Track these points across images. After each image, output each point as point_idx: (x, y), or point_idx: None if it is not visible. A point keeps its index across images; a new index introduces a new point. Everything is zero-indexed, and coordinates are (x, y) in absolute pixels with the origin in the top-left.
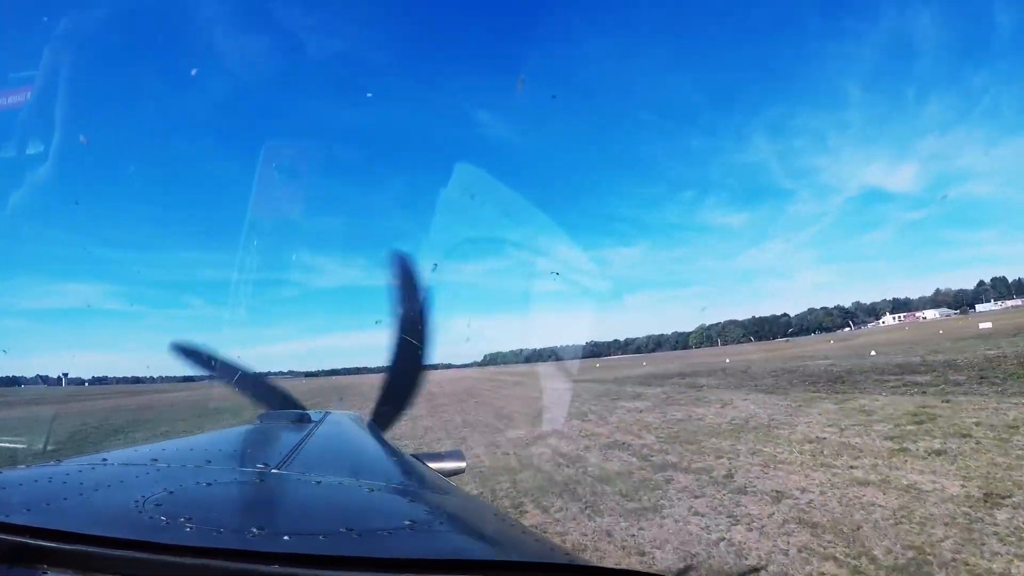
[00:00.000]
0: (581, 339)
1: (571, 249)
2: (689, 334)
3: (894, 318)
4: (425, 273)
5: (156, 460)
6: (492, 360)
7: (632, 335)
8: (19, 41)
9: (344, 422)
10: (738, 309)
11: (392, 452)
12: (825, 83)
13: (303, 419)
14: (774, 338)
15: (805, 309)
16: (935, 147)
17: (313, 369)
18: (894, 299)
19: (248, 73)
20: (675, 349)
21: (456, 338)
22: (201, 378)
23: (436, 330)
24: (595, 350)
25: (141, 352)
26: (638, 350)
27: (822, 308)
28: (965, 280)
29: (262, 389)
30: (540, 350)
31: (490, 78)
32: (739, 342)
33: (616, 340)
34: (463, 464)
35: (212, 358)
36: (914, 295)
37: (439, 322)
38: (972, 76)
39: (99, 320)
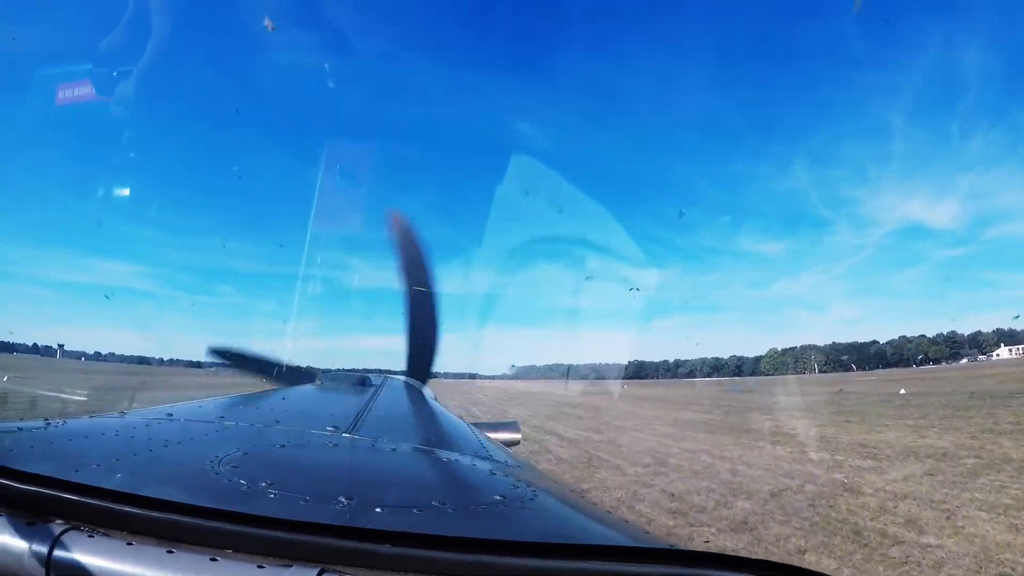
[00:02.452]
0: (623, 357)
1: (614, 264)
2: (760, 358)
3: (1010, 351)
4: (421, 232)
5: (223, 417)
6: (524, 373)
7: (679, 357)
8: (74, 33)
9: (403, 387)
10: (778, 338)
11: (454, 420)
12: (869, 114)
13: (364, 382)
14: (871, 367)
15: (897, 336)
16: (978, 184)
17: (335, 367)
18: (998, 329)
19: (294, 69)
20: (738, 375)
21: (485, 348)
22: (209, 365)
23: (439, 285)
24: (640, 370)
25: (167, 334)
26: (691, 373)
27: (920, 336)
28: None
29: (304, 379)
30: (578, 366)
31: (530, 90)
32: (820, 370)
33: (664, 360)
34: (519, 436)
35: (246, 356)
36: (958, 332)
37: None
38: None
39: (127, 298)
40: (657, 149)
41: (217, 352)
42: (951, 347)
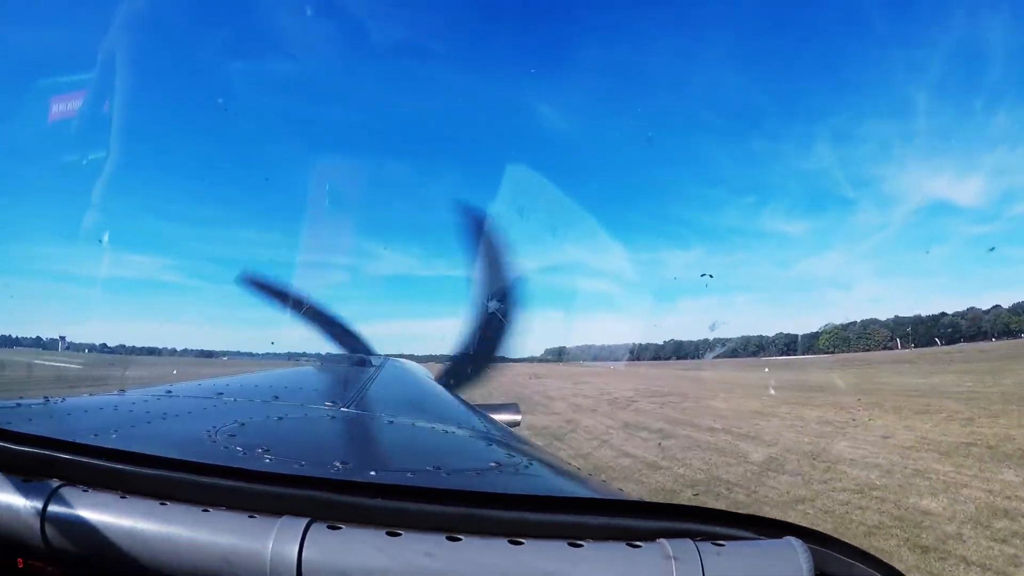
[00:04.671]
0: (659, 337)
1: (626, 251)
2: (817, 335)
3: None
4: (508, 243)
5: (222, 394)
6: (558, 355)
7: (717, 336)
8: (84, 21)
9: (405, 368)
10: (812, 317)
11: (455, 399)
12: (892, 91)
13: (364, 363)
14: (951, 342)
15: (964, 308)
16: (1005, 160)
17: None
18: None
19: (309, 56)
20: (786, 354)
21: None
22: (220, 354)
23: (520, 309)
24: (680, 350)
25: (194, 324)
26: (734, 353)
27: (995, 306)
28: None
29: (332, 326)
30: (612, 347)
31: (549, 72)
32: (896, 345)
33: (705, 339)
34: (519, 417)
35: (282, 291)
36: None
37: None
38: None
39: (152, 292)
40: (678, 129)
41: (250, 281)
42: None
